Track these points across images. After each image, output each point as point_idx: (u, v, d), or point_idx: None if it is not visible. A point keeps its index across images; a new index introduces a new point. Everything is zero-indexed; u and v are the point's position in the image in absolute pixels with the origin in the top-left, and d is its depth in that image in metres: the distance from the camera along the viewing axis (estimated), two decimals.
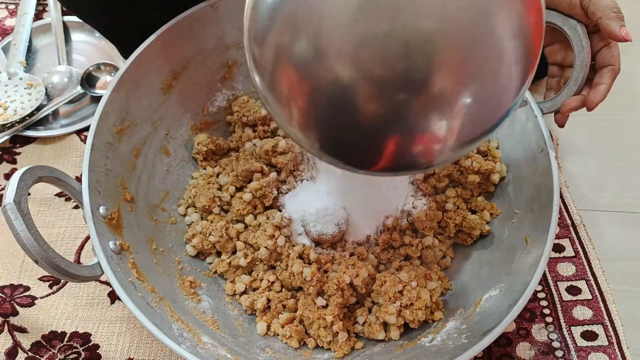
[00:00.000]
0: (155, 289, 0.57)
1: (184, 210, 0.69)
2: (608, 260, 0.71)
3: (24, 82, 0.84)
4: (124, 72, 0.62)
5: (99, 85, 0.85)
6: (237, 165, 0.69)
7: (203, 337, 0.55)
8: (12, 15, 0.95)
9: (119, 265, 0.54)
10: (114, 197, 0.60)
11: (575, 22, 0.55)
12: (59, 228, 0.73)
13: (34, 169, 0.50)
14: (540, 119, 0.60)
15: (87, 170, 0.56)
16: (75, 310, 0.66)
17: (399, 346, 0.58)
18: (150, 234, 0.63)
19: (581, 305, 0.68)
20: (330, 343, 0.59)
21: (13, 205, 0.46)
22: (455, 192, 0.67)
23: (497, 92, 0.37)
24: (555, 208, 0.55)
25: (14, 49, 0.87)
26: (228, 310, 0.63)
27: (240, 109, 0.72)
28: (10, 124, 0.79)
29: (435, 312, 0.60)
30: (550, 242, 0.54)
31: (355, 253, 0.64)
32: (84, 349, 0.64)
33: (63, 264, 0.48)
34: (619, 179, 0.79)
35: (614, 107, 0.87)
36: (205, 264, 0.67)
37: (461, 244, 0.66)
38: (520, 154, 0.63)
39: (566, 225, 0.74)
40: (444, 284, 0.63)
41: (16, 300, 0.67)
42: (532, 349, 0.65)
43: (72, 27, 0.91)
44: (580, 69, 0.56)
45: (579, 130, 0.84)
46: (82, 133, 0.81)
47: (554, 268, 0.71)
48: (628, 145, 0.83)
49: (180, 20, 0.65)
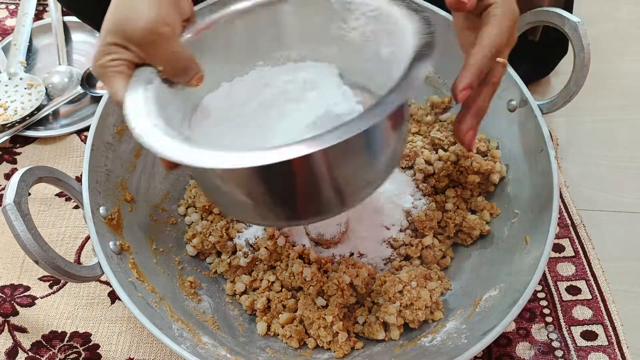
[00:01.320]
0: (155, 289, 0.57)
1: (184, 210, 0.69)
2: (608, 260, 0.71)
3: (24, 82, 0.84)
4: None
5: (99, 86, 0.85)
6: None
7: (203, 337, 0.55)
8: (13, 15, 0.95)
9: (119, 265, 0.54)
10: (114, 197, 0.60)
11: (575, 22, 0.55)
12: (59, 228, 0.73)
13: (34, 170, 0.50)
14: (540, 119, 0.60)
15: (87, 171, 0.56)
16: (76, 310, 0.66)
17: (399, 346, 0.58)
18: (151, 234, 0.63)
19: (581, 305, 0.68)
20: (330, 343, 0.59)
21: (13, 206, 0.46)
22: (455, 192, 0.67)
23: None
24: (555, 208, 0.55)
25: (14, 49, 0.87)
26: (228, 310, 0.63)
27: None
28: (10, 124, 0.80)
29: (435, 312, 0.60)
30: (550, 242, 0.54)
31: (355, 253, 0.64)
32: (84, 349, 0.64)
33: (63, 265, 0.48)
34: (619, 179, 0.80)
35: (614, 108, 0.87)
36: (205, 264, 0.67)
37: (461, 244, 0.66)
38: (520, 154, 0.63)
39: (566, 225, 0.74)
40: (444, 284, 0.63)
41: (16, 300, 0.67)
42: (532, 348, 0.65)
43: (72, 27, 0.91)
44: (580, 69, 0.56)
45: (579, 130, 0.84)
46: (82, 133, 0.81)
47: (553, 268, 0.71)
48: (628, 145, 0.83)
49: None
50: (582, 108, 0.85)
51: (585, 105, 0.85)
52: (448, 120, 0.71)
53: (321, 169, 0.40)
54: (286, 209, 0.45)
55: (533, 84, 0.87)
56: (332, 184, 0.42)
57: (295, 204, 0.44)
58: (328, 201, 0.44)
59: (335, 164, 0.41)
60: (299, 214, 0.46)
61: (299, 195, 0.43)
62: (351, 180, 0.43)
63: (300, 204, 0.44)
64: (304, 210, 0.45)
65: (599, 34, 0.92)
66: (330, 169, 0.41)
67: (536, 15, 0.59)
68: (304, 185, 0.42)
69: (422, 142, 0.69)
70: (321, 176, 0.41)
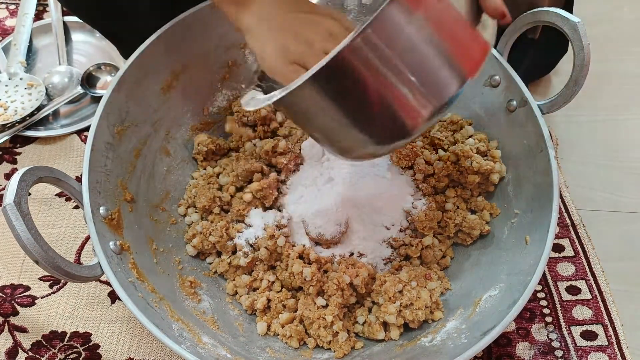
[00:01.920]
0: (155, 289, 0.57)
1: (184, 210, 0.69)
2: (608, 260, 0.71)
3: (24, 82, 0.84)
4: (124, 72, 0.62)
5: (99, 86, 0.85)
6: (237, 165, 0.69)
7: (203, 337, 0.55)
8: (13, 15, 0.95)
9: (119, 265, 0.54)
10: (114, 198, 0.60)
11: (575, 22, 0.55)
12: (59, 228, 0.73)
13: (34, 170, 0.50)
14: (540, 119, 0.60)
15: (87, 171, 0.56)
16: (76, 310, 0.67)
17: (399, 346, 0.58)
18: (151, 234, 0.63)
19: (581, 305, 0.68)
20: (330, 343, 0.59)
21: (13, 206, 0.46)
22: (455, 192, 0.67)
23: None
24: (555, 208, 0.55)
25: (14, 49, 0.87)
26: (228, 310, 0.63)
27: (240, 109, 0.72)
28: (10, 124, 0.80)
29: (435, 312, 0.60)
30: (550, 242, 0.54)
31: (355, 253, 0.64)
32: (84, 349, 0.64)
33: (63, 265, 0.48)
34: (619, 179, 0.80)
35: (614, 108, 0.87)
36: (205, 264, 0.67)
37: (461, 243, 0.66)
38: (520, 154, 0.63)
39: (566, 225, 0.74)
40: (444, 283, 0.63)
41: (16, 300, 0.67)
42: (532, 348, 0.65)
43: (72, 28, 0.91)
44: (580, 69, 0.56)
45: (579, 130, 0.84)
46: (82, 133, 0.81)
47: (553, 268, 0.71)
48: (628, 145, 0.83)
49: (180, 20, 0.65)
50: (582, 108, 0.85)
51: (585, 105, 0.85)
52: (448, 120, 0.71)
53: (372, 49, 0.40)
54: (383, 114, 0.43)
55: (533, 84, 0.87)
56: (404, 67, 0.41)
57: (389, 102, 0.43)
58: (416, 93, 0.43)
59: (388, 41, 0.40)
60: (402, 119, 0.44)
61: (381, 89, 0.42)
62: (421, 61, 0.42)
63: (392, 100, 0.43)
64: (402, 109, 0.43)
65: (599, 34, 0.92)
66: (386, 46, 0.40)
67: (536, 16, 0.59)
68: (376, 76, 0.41)
69: (422, 142, 0.69)
70: (379, 57, 0.40)
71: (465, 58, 0.44)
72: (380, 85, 0.42)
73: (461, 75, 0.43)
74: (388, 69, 0.41)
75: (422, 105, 0.43)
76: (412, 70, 0.42)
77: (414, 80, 0.42)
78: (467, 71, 0.44)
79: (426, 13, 0.41)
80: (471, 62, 0.44)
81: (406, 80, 0.42)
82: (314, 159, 0.69)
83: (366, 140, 0.46)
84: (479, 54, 0.45)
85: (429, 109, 0.43)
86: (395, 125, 0.44)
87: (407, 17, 0.40)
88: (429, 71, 0.43)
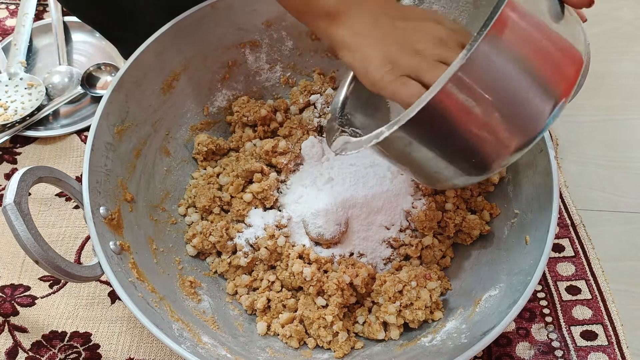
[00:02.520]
0: (155, 289, 0.57)
1: (184, 210, 0.69)
2: (608, 260, 0.71)
3: (24, 82, 0.84)
4: (124, 72, 0.62)
5: (99, 86, 0.85)
6: (237, 165, 0.69)
7: (203, 337, 0.55)
8: (13, 15, 0.95)
9: (119, 265, 0.54)
10: (114, 197, 0.60)
11: None
12: (59, 228, 0.73)
13: (34, 170, 0.50)
14: None
15: (87, 171, 0.56)
16: (76, 310, 0.67)
17: (399, 346, 0.58)
18: (151, 234, 0.63)
19: (581, 305, 0.68)
20: (330, 343, 0.59)
21: (13, 206, 0.46)
22: (454, 192, 0.67)
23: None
24: (555, 208, 0.55)
25: (14, 49, 0.87)
26: (228, 310, 0.63)
27: (240, 109, 0.72)
28: (10, 124, 0.80)
29: (435, 312, 0.60)
30: (550, 242, 0.54)
31: (355, 253, 0.64)
32: (84, 349, 0.64)
33: (63, 264, 0.48)
34: (619, 179, 0.80)
35: (614, 108, 0.87)
36: (205, 264, 0.67)
37: (461, 243, 0.66)
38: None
39: (566, 225, 0.74)
40: (444, 283, 0.63)
41: (16, 300, 0.67)
42: (532, 348, 0.65)
43: (72, 27, 0.91)
44: None
45: (579, 130, 0.84)
46: (82, 133, 0.81)
47: (553, 268, 0.71)
48: (628, 145, 0.83)
49: (180, 20, 0.65)
50: (582, 108, 0.85)
51: (585, 105, 0.85)
52: None
53: (468, 89, 0.40)
54: (474, 148, 0.43)
55: None
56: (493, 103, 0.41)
57: (480, 137, 0.43)
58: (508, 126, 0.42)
59: (477, 78, 0.40)
60: (488, 153, 0.44)
61: (473, 126, 0.42)
62: (511, 92, 0.41)
63: (484, 135, 0.43)
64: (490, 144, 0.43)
65: (599, 34, 0.92)
66: (476, 84, 0.40)
67: None
68: (469, 115, 0.41)
69: None
70: (475, 97, 0.40)
71: (559, 78, 0.43)
72: (480, 120, 0.42)
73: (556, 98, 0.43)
74: (488, 103, 0.41)
75: (520, 136, 0.43)
76: (508, 103, 0.42)
77: (512, 113, 0.42)
78: (561, 94, 0.43)
79: (514, 36, 0.41)
80: (565, 82, 0.43)
81: (505, 115, 0.42)
82: (314, 159, 0.69)
83: (459, 174, 0.47)
84: (572, 71, 0.43)
85: (525, 138, 0.44)
86: (489, 160, 0.45)
87: (498, 47, 0.40)
88: (523, 103, 0.42)
